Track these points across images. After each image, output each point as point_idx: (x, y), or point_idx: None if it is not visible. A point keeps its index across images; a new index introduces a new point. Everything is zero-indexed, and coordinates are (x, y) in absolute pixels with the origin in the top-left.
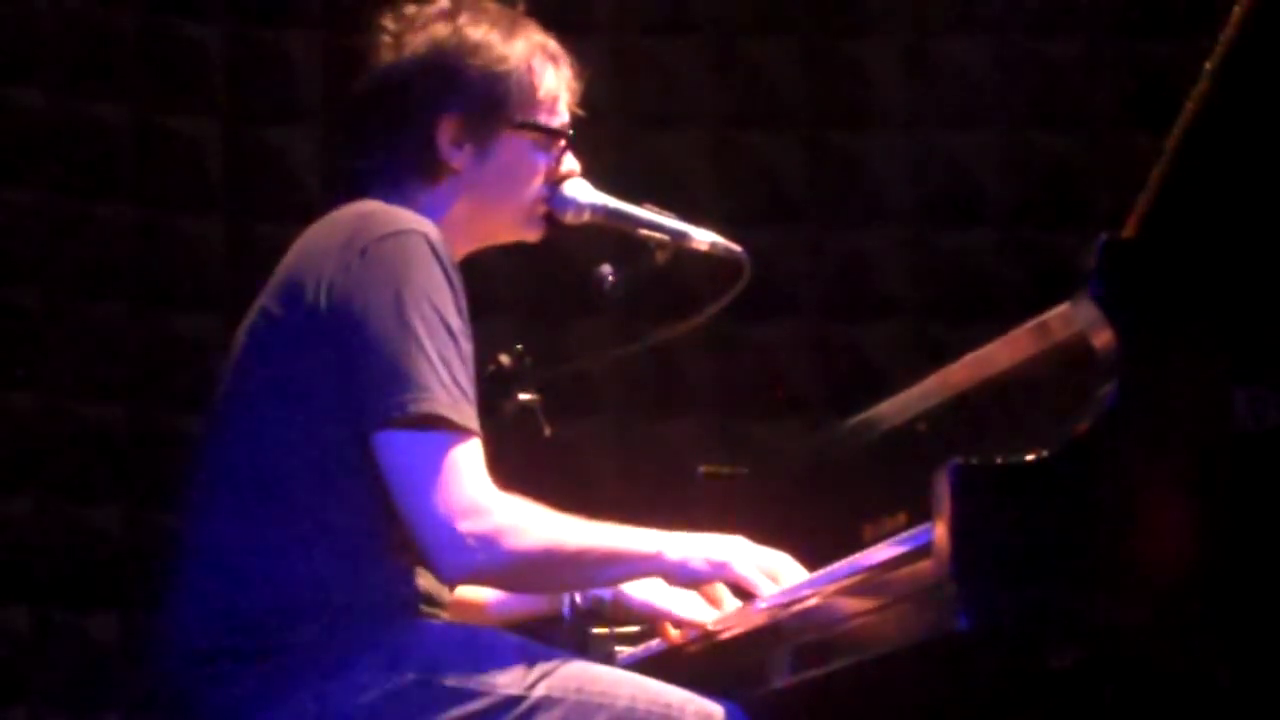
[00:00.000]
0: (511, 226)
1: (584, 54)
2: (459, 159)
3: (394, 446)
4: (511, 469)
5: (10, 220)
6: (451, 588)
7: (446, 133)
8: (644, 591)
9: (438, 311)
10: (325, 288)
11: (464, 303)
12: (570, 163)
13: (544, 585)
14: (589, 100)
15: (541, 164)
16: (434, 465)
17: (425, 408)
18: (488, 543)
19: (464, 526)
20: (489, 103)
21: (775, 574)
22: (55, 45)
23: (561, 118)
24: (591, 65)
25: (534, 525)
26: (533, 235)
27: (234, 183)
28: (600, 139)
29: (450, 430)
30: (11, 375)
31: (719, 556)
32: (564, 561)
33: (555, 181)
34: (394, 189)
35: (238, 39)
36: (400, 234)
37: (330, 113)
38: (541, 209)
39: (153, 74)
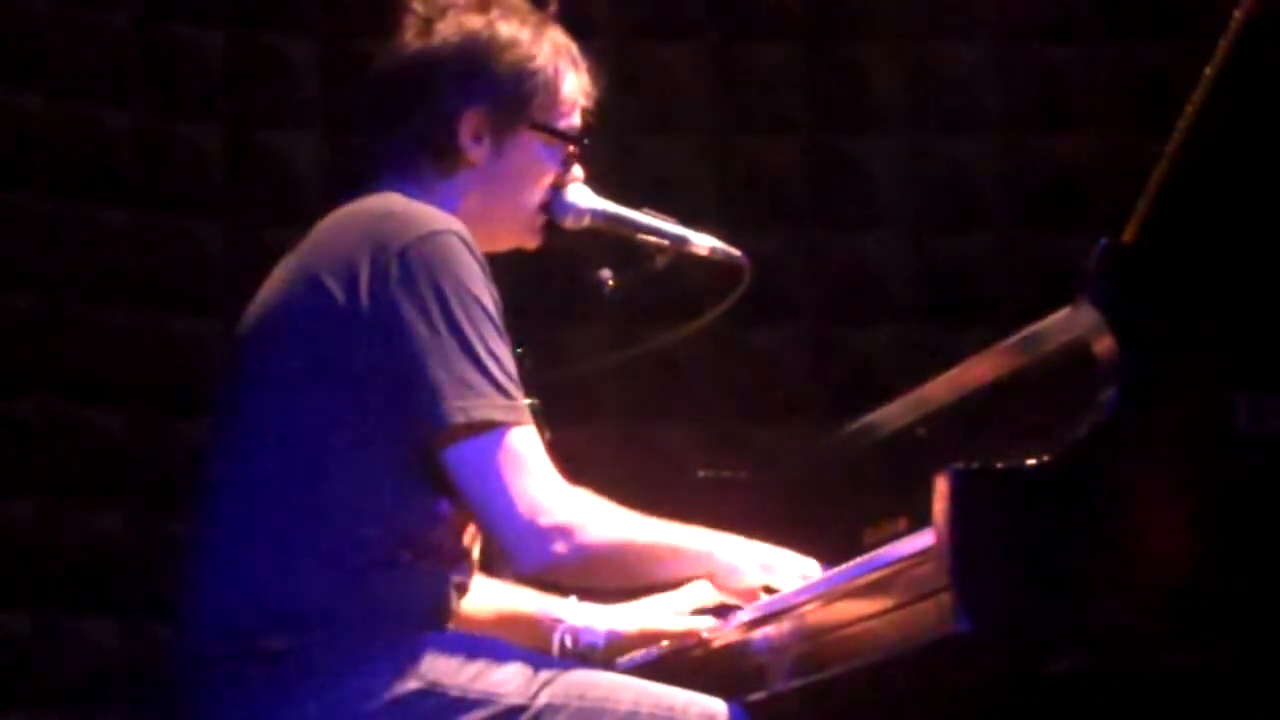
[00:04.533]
0: (513, 231)
1: (584, 58)
2: (476, 153)
3: (459, 455)
4: None
5: (11, 224)
6: (526, 581)
7: (469, 124)
8: (637, 620)
9: (483, 308)
10: (365, 290)
11: (497, 296)
12: (576, 170)
13: (613, 578)
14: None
15: (551, 168)
16: (502, 466)
17: (485, 414)
18: (567, 534)
19: (544, 521)
20: (514, 101)
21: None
22: (56, 49)
23: (575, 123)
24: (592, 69)
25: (606, 519)
26: (531, 243)
27: (235, 187)
28: (600, 143)
29: (509, 428)
30: (13, 380)
31: (765, 560)
32: (635, 555)
33: (557, 186)
34: (409, 173)
35: (239, 43)
36: (436, 234)
37: (331, 116)
38: (542, 218)
39: (154, 78)
